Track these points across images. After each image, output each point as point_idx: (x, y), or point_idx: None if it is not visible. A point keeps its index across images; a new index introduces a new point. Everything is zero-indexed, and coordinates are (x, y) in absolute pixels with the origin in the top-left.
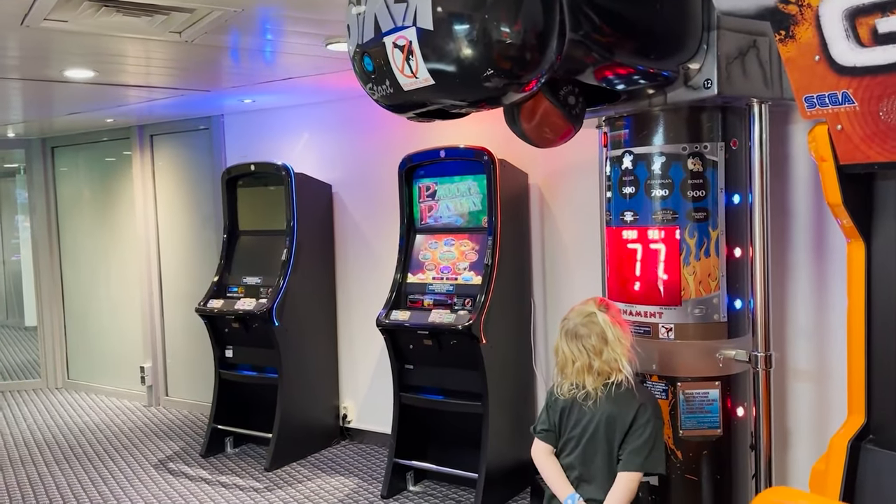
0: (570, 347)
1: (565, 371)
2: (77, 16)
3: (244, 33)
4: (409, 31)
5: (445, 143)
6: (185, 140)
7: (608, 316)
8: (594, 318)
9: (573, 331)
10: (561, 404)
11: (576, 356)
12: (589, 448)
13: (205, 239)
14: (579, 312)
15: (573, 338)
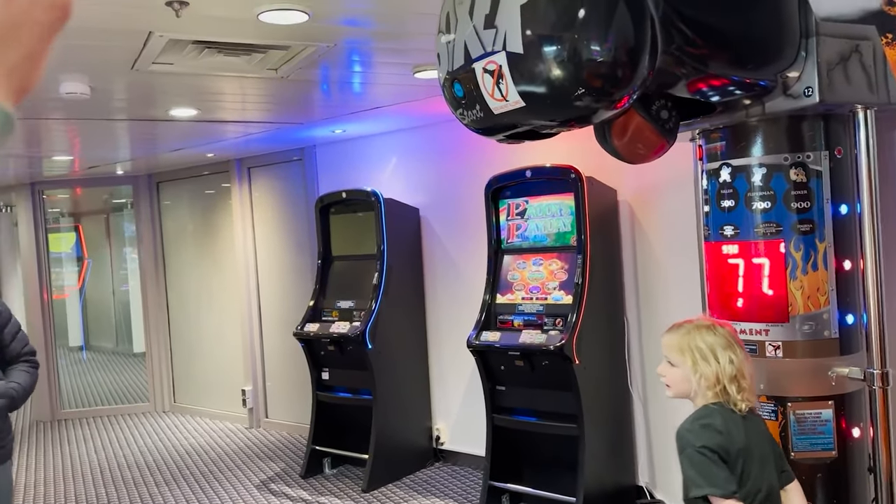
0: (738, 356)
1: (741, 384)
2: (182, 58)
3: (334, 67)
4: (498, 56)
5: (531, 163)
6: (279, 171)
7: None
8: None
9: (730, 339)
10: (736, 442)
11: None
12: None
13: (300, 265)
14: (712, 324)
15: (733, 346)
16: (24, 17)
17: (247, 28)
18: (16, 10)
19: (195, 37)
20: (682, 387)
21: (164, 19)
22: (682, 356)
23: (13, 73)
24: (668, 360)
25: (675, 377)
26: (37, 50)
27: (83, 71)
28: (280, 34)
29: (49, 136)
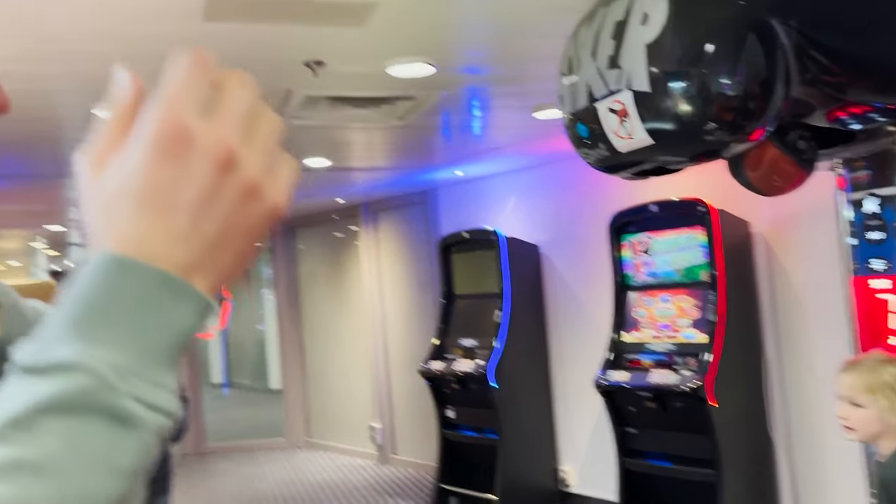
0: None
1: None
2: (318, 112)
3: (455, 112)
4: (623, 95)
5: (654, 196)
6: (403, 213)
7: None
8: None
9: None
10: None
11: None
12: None
13: (424, 303)
14: (891, 357)
15: None
16: (245, 225)
17: (376, 82)
18: (238, 217)
19: (329, 93)
20: (871, 428)
21: (302, 78)
22: (873, 395)
23: (222, 273)
24: (850, 401)
25: (862, 419)
26: (248, 251)
27: None
28: (407, 86)
29: None
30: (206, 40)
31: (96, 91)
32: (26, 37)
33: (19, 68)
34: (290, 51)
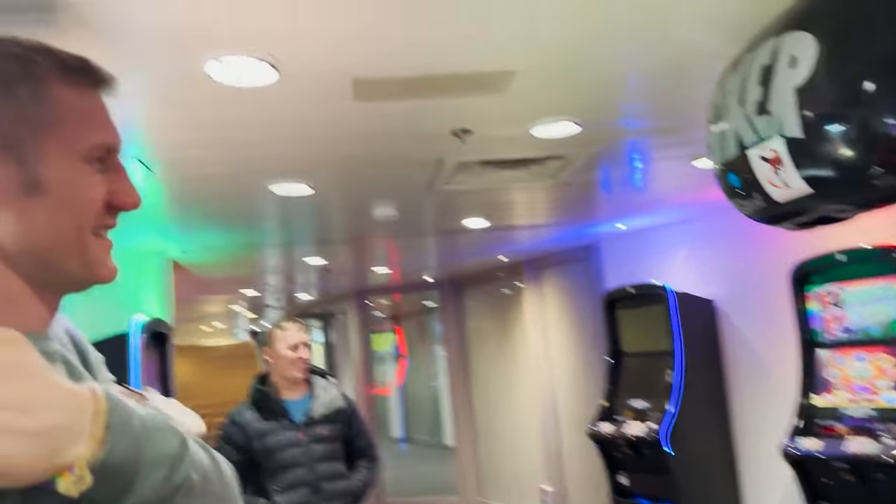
0: None
1: None
2: (470, 176)
3: (611, 166)
4: (774, 142)
5: (842, 244)
6: (567, 269)
7: None
8: None
9: None
10: None
11: None
12: None
13: (591, 361)
14: None
15: None
16: None
17: (523, 144)
18: None
19: (479, 157)
20: None
21: (452, 146)
22: None
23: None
24: None
25: None
26: None
27: (390, 196)
28: (554, 145)
29: (370, 252)
30: (356, 118)
31: (260, 171)
32: (183, 127)
33: (199, 154)
34: (438, 122)
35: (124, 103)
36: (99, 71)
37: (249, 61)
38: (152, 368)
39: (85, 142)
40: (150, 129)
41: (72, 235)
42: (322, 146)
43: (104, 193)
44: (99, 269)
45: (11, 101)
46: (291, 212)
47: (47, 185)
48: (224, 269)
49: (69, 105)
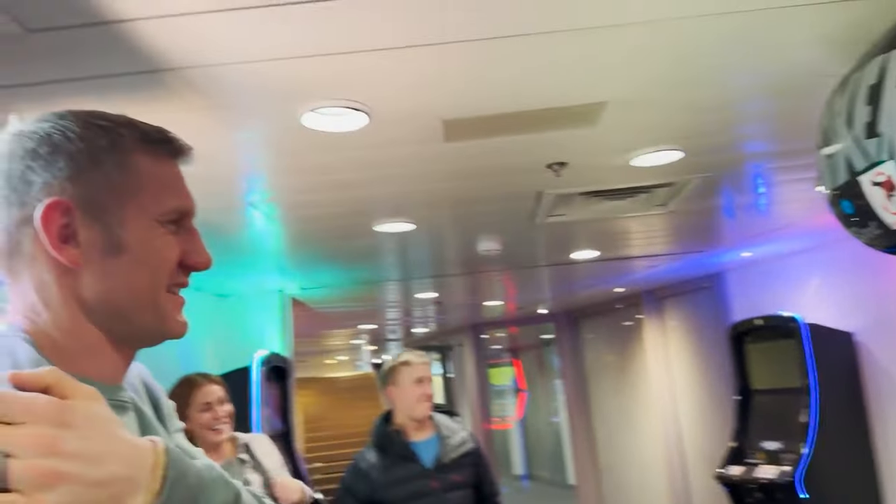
0: None
1: None
2: (572, 208)
3: (733, 192)
4: (887, 166)
5: None
6: (690, 300)
7: None
8: None
9: None
10: None
11: None
12: None
13: (718, 396)
14: None
15: None
16: None
17: (623, 174)
18: None
19: (578, 189)
20: None
21: (550, 179)
22: None
23: None
24: None
25: None
26: None
27: (493, 231)
28: (657, 173)
29: (480, 285)
30: (448, 157)
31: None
32: (289, 173)
33: (306, 198)
34: (532, 156)
35: (234, 154)
36: (176, 141)
37: (341, 109)
38: (273, 400)
39: (161, 206)
40: (259, 177)
41: (146, 292)
42: (418, 185)
43: (178, 254)
44: (170, 324)
45: (98, 171)
46: (397, 248)
47: (126, 246)
48: (340, 305)
49: (148, 173)
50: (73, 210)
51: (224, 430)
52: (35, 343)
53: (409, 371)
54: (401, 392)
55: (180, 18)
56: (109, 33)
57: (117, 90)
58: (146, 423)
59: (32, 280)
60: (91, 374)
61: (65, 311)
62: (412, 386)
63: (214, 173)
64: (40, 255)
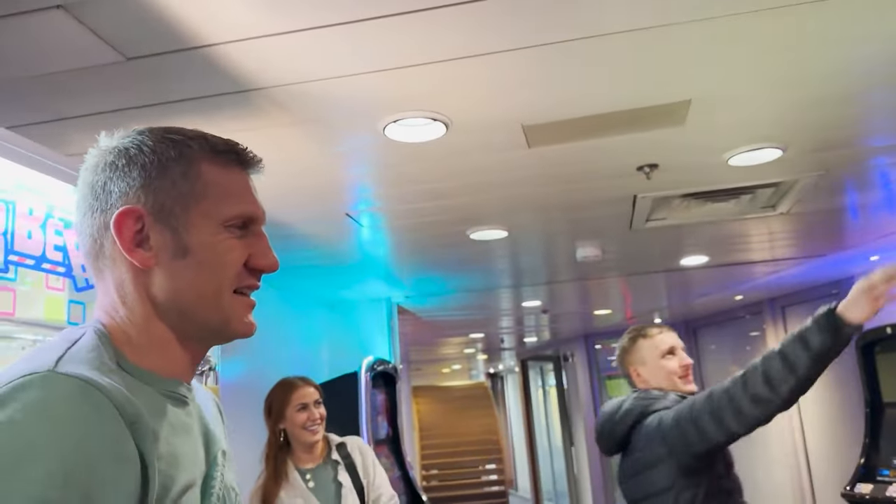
0: None
1: None
2: (672, 211)
3: (847, 191)
4: None
5: None
6: (815, 306)
7: None
8: None
9: None
10: None
11: None
12: None
13: (847, 410)
14: None
15: None
16: None
17: (720, 174)
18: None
19: (674, 192)
20: None
21: (642, 182)
22: None
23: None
24: None
25: None
26: None
27: (592, 237)
28: (759, 173)
29: (587, 293)
30: (535, 162)
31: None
32: (379, 183)
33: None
34: (622, 159)
35: (325, 166)
36: (244, 152)
37: (422, 120)
38: (381, 405)
39: (225, 212)
40: (354, 187)
41: (212, 293)
42: (506, 192)
43: (242, 256)
44: (236, 324)
45: (166, 180)
46: (494, 256)
47: (192, 249)
48: (446, 313)
49: (213, 181)
50: (145, 216)
51: (318, 430)
52: (111, 336)
53: (652, 343)
54: (652, 368)
55: (265, 40)
56: (200, 57)
57: (209, 111)
58: (209, 435)
59: (113, 280)
60: (157, 368)
61: (139, 308)
62: (664, 359)
63: (309, 184)
64: (118, 258)
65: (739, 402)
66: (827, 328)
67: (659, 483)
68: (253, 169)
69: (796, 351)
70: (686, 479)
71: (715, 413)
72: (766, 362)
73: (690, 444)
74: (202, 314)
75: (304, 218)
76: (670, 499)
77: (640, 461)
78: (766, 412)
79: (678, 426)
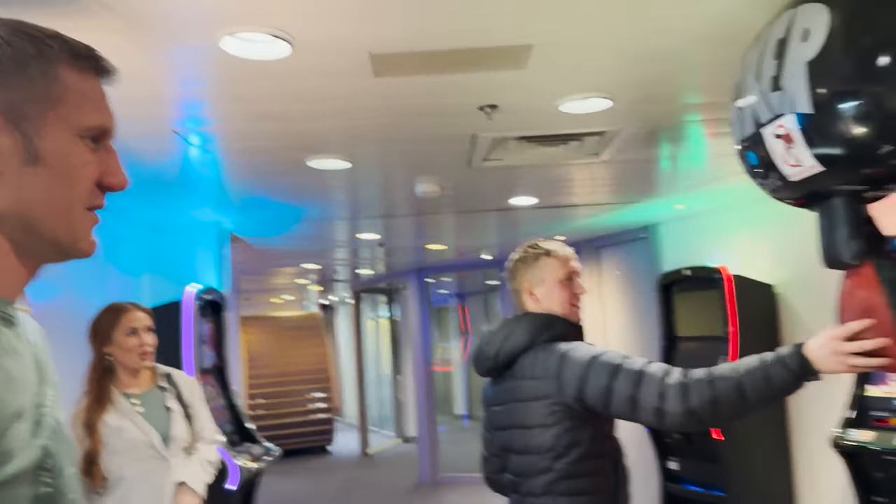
0: None
1: None
2: (508, 153)
3: (667, 143)
4: (787, 119)
5: None
6: (626, 249)
7: None
8: None
9: None
10: None
11: None
12: None
13: (648, 344)
14: None
15: None
16: None
17: (553, 120)
18: None
19: (512, 133)
20: None
21: (483, 122)
22: None
23: None
24: None
25: None
26: None
27: (431, 173)
28: (588, 121)
29: (422, 229)
30: (380, 94)
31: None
32: (230, 101)
33: (237, 128)
34: (464, 97)
35: (156, 78)
36: (102, 60)
37: (262, 36)
38: (208, 335)
39: (82, 121)
40: (186, 103)
41: (64, 207)
42: (349, 121)
43: (97, 172)
44: (82, 243)
45: (23, 78)
46: (333, 186)
47: (44, 157)
48: (280, 242)
49: (72, 86)
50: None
51: (148, 357)
52: None
53: (554, 263)
54: (548, 291)
55: None
56: None
57: (33, 6)
58: (42, 367)
59: None
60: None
61: None
62: (559, 285)
63: (136, 96)
64: None
65: (688, 405)
66: (795, 370)
67: (537, 418)
68: (107, 79)
69: (756, 384)
70: (571, 421)
71: (661, 406)
72: (720, 383)
73: (606, 406)
74: (50, 229)
75: (128, 132)
76: (548, 437)
77: (525, 389)
78: (694, 426)
79: (609, 390)
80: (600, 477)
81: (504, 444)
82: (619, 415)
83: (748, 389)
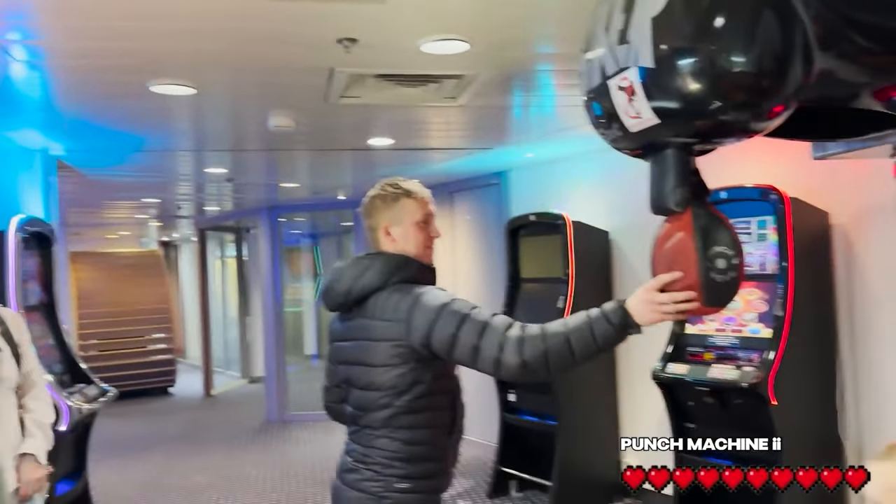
0: None
1: None
2: (367, 91)
3: (521, 91)
4: (630, 72)
5: (727, 183)
6: (478, 195)
7: None
8: None
9: None
10: None
11: None
12: None
13: (495, 286)
14: None
15: None
16: None
17: (413, 60)
18: None
19: (370, 70)
20: None
21: (341, 56)
22: None
23: None
24: None
25: None
26: None
27: (286, 106)
28: (445, 63)
29: (275, 166)
30: (232, 15)
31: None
32: (65, 14)
33: (71, 45)
34: (324, 28)
35: None
36: None
37: None
38: (34, 270)
39: None
40: (8, 13)
41: None
42: (197, 44)
43: None
44: None
45: None
46: (178, 114)
47: None
48: (117, 173)
49: None
50: None
51: None
52: None
53: (415, 207)
54: (406, 234)
55: None
56: None
57: None
58: None
59: None
60: None
61: None
62: (418, 229)
63: None
64: None
65: (523, 358)
66: (616, 324)
67: (383, 358)
68: None
69: (583, 338)
70: (416, 363)
71: (499, 357)
72: (551, 338)
73: (449, 353)
74: None
75: None
76: (392, 376)
77: (374, 329)
78: (528, 378)
79: (454, 338)
80: (438, 412)
81: (347, 378)
82: (462, 362)
83: (575, 343)
